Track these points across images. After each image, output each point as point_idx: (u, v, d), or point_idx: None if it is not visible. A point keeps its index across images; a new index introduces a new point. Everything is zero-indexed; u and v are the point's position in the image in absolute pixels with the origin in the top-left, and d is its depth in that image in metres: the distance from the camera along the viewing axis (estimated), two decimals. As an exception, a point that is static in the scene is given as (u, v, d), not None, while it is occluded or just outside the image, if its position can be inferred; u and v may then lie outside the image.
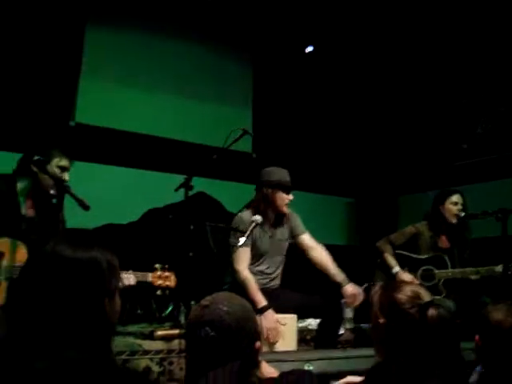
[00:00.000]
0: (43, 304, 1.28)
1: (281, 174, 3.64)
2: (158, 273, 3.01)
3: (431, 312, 1.64)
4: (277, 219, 3.71)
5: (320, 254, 3.69)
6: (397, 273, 4.11)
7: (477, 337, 1.96)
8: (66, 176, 3.03)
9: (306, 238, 3.76)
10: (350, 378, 1.92)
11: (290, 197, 3.62)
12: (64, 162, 3.02)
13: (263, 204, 3.60)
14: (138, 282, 2.88)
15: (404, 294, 1.70)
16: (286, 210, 3.65)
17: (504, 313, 1.90)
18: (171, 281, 3.03)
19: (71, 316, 1.28)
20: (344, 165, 7.07)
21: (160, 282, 3.00)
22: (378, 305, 1.78)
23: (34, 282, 1.30)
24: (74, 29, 5.48)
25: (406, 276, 4.09)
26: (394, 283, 1.82)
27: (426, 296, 1.70)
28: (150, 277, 2.98)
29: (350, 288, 3.46)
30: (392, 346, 1.73)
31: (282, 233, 3.75)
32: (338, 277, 3.55)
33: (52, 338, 1.25)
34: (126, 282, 2.79)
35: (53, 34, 5.28)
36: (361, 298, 3.44)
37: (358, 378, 1.89)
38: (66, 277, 1.30)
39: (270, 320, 3.31)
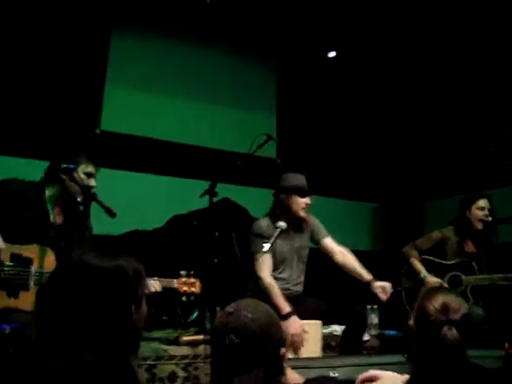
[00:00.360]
0: (70, 311, 1.30)
1: (296, 178, 3.64)
2: (184, 279, 3.03)
3: (444, 331, 1.63)
4: (296, 225, 3.70)
5: (345, 256, 3.69)
6: (424, 277, 4.08)
7: (506, 344, 1.93)
8: (93, 182, 3.07)
9: (329, 242, 3.75)
10: (373, 372, 1.91)
11: (307, 200, 3.60)
12: (90, 169, 3.06)
13: (279, 210, 3.60)
14: (164, 289, 2.89)
15: (433, 305, 1.67)
16: (303, 214, 3.63)
17: None
18: (196, 287, 3.05)
19: (97, 323, 1.30)
20: (369, 170, 7.03)
21: (185, 288, 3.02)
22: (414, 308, 1.78)
23: (62, 289, 1.33)
24: (99, 37, 5.57)
25: (434, 280, 4.06)
26: (431, 290, 1.79)
27: (456, 310, 1.66)
28: (175, 283, 3.00)
29: (379, 283, 3.45)
30: (418, 351, 1.73)
31: (302, 239, 3.74)
32: (366, 276, 3.54)
33: (75, 342, 1.28)
34: (152, 289, 2.81)
35: (78, 43, 5.37)
36: (390, 290, 3.42)
37: (379, 372, 1.88)
38: (93, 285, 1.33)
39: (294, 326, 3.30)
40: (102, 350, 1.28)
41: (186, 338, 3.62)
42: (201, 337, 3.60)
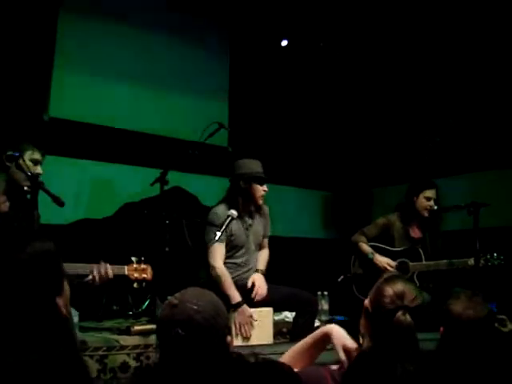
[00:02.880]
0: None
1: (254, 166, 3.68)
2: (135, 266, 3.03)
3: (398, 316, 1.70)
4: (254, 212, 3.73)
5: (264, 252, 3.90)
6: (372, 257, 4.18)
7: (441, 328, 2.02)
8: (39, 169, 3.00)
9: (265, 241, 3.94)
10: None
11: (265, 188, 3.66)
12: (36, 155, 3.00)
13: (240, 197, 3.62)
14: (115, 276, 2.89)
15: (392, 289, 1.75)
16: (261, 201, 3.68)
17: (464, 305, 1.96)
18: (147, 273, 3.06)
19: (25, 319, 1.27)
20: (321, 158, 7.10)
21: (136, 274, 3.02)
22: (373, 289, 1.84)
23: None
24: (46, 18, 5.37)
25: (382, 259, 4.17)
26: (393, 276, 1.86)
27: (412, 299, 1.74)
28: (126, 270, 2.99)
29: (256, 276, 3.66)
30: (371, 330, 1.79)
31: (259, 227, 3.78)
32: (258, 266, 3.78)
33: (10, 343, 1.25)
34: (102, 272, 2.79)
35: (24, 25, 5.18)
36: (261, 291, 3.59)
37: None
38: (9, 281, 1.29)
39: (243, 316, 3.37)
40: (41, 347, 1.25)
41: (137, 328, 3.61)
42: (152, 326, 3.59)
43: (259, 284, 3.58)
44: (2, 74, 5.02)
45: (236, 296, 3.41)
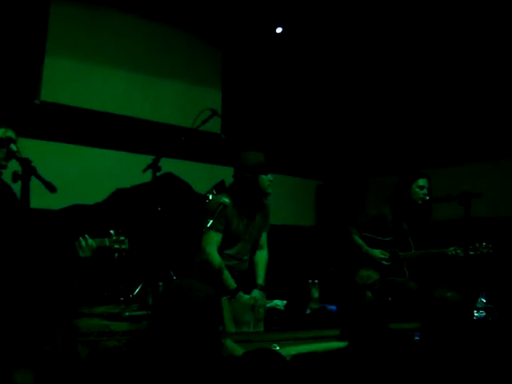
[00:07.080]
0: None
1: (258, 157, 3.65)
2: (114, 237, 3.25)
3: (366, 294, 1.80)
4: (257, 207, 3.71)
5: (263, 255, 3.81)
6: (367, 251, 4.21)
7: None
8: (14, 147, 2.99)
9: (264, 237, 3.85)
10: None
11: (270, 177, 3.64)
12: (10, 133, 3.01)
13: (245, 189, 3.59)
14: (98, 248, 3.15)
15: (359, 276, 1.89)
16: (270, 190, 3.66)
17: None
18: (126, 244, 3.28)
19: None
20: (314, 147, 7.10)
21: (116, 245, 3.25)
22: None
23: None
24: (38, 3, 5.34)
25: (375, 251, 4.20)
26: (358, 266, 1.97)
27: (369, 277, 1.85)
28: (107, 242, 3.21)
29: (255, 293, 3.56)
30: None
31: (260, 222, 3.76)
32: (258, 280, 3.66)
33: None
34: (85, 245, 3.05)
35: (16, 9, 5.13)
36: (259, 309, 3.54)
37: None
38: None
39: (239, 302, 3.37)
40: None
41: (128, 314, 3.61)
42: (143, 312, 3.59)
43: (259, 305, 3.54)
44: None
45: (231, 283, 3.42)
